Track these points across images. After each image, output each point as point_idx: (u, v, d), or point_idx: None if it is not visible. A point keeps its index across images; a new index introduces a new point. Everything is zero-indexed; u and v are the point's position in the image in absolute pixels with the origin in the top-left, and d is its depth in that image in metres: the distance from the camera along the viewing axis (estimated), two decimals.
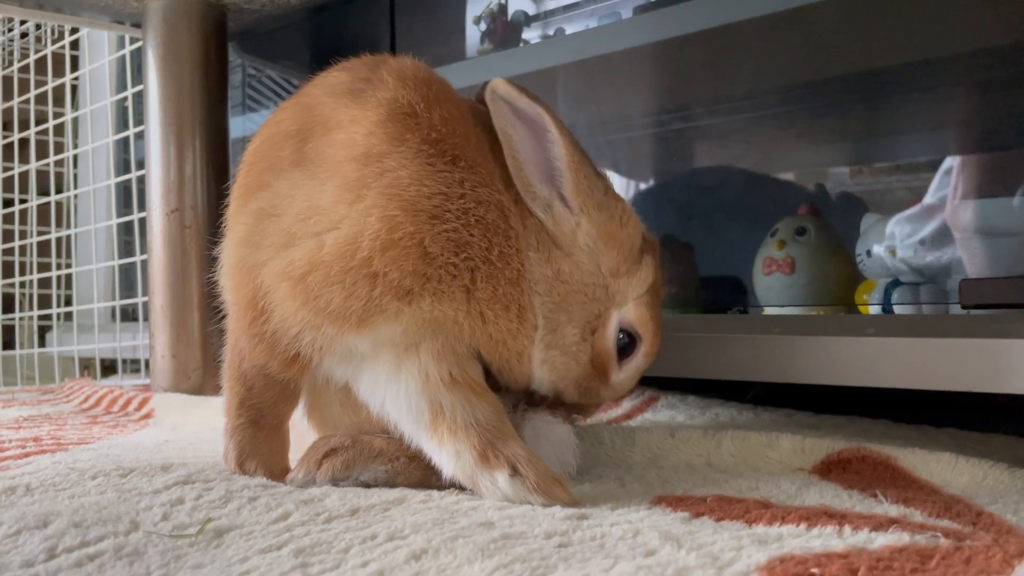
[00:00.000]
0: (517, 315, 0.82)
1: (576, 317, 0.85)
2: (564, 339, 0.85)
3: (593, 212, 0.84)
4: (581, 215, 0.84)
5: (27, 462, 0.97)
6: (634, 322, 0.86)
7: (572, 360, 0.86)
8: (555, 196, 0.84)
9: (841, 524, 0.65)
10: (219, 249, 0.89)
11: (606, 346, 0.86)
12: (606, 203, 0.85)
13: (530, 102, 0.82)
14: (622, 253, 0.86)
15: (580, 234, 0.84)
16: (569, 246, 0.85)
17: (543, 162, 0.84)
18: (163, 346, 1.65)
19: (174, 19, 1.66)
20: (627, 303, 0.86)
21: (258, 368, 0.86)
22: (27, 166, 2.48)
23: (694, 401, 1.31)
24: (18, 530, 0.69)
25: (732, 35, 1.37)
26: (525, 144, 0.84)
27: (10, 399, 1.84)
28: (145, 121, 1.69)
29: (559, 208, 0.84)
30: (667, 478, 0.88)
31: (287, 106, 0.91)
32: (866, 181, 1.37)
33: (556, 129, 0.82)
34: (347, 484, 0.84)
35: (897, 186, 1.31)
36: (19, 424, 1.39)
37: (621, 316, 0.86)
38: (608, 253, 0.85)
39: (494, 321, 0.81)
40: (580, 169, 0.83)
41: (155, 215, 1.66)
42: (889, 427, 1.15)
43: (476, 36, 1.66)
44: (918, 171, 1.28)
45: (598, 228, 0.85)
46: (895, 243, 1.24)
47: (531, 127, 0.83)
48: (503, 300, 0.81)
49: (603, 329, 0.86)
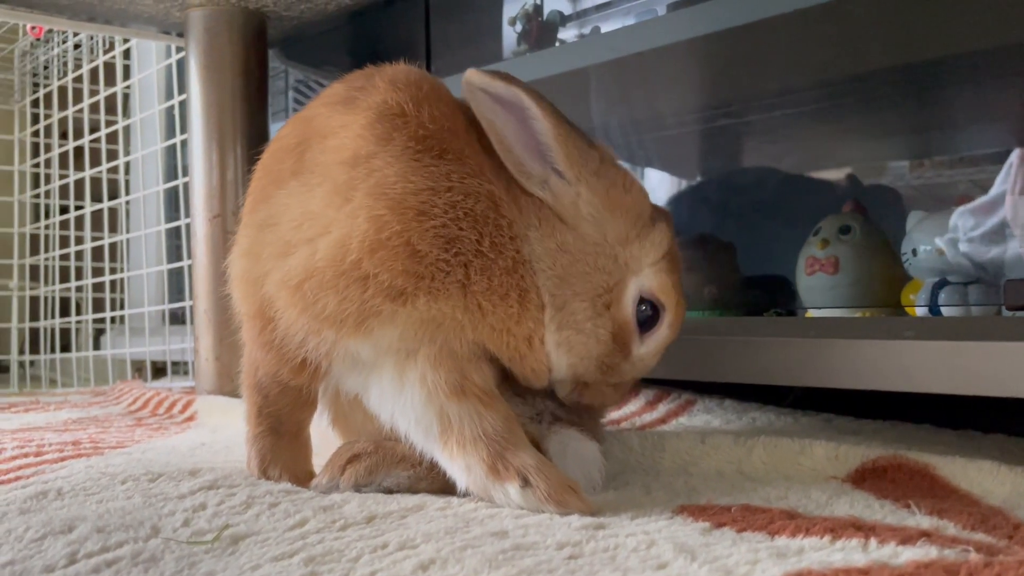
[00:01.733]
0: (518, 300, 0.80)
1: (582, 290, 0.82)
2: (575, 315, 0.83)
3: (591, 180, 0.82)
4: (579, 184, 0.82)
5: (62, 466, 0.99)
6: (655, 290, 0.83)
7: (590, 338, 0.83)
8: (550, 172, 0.83)
9: (867, 537, 0.63)
10: (226, 262, 0.91)
11: (625, 316, 0.83)
12: (604, 171, 0.83)
13: (505, 85, 0.80)
14: (629, 219, 0.83)
15: (581, 204, 0.83)
16: (573, 217, 0.83)
17: (531, 141, 0.82)
18: (207, 349, 1.68)
19: (215, 28, 1.68)
20: (643, 270, 0.83)
21: (271, 376, 0.87)
22: (82, 173, 2.55)
23: (731, 405, 1.28)
24: (44, 535, 0.70)
25: (772, 29, 1.34)
26: (509, 127, 0.82)
27: (63, 401, 1.89)
28: (188, 128, 1.72)
29: (556, 182, 0.83)
30: (694, 486, 0.86)
31: (290, 121, 0.92)
32: (914, 176, 1.33)
33: (535, 105, 0.80)
34: (370, 490, 0.84)
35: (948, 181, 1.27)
36: (66, 427, 1.42)
37: (640, 284, 0.83)
38: (614, 220, 0.83)
39: (492, 311, 0.80)
40: (568, 140, 0.81)
41: (198, 220, 1.69)
42: (932, 432, 1.11)
43: (512, 37, 1.66)
44: (969, 166, 1.24)
45: (600, 196, 0.83)
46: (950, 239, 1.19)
47: (511, 110, 0.81)
48: (500, 289, 0.79)
49: (620, 299, 0.83)
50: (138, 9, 1.71)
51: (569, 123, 0.82)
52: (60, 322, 2.62)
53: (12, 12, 1.70)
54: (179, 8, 1.70)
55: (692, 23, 1.42)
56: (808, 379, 1.04)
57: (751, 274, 1.46)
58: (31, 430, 1.35)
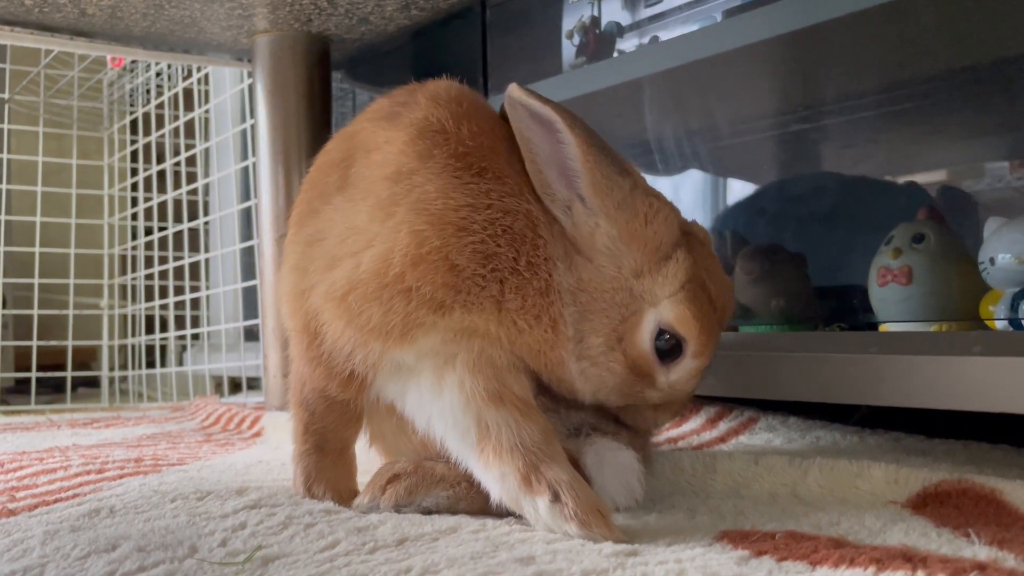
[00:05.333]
0: (551, 326, 0.80)
1: (598, 326, 0.81)
2: (590, 350, 0.82)
3: (612, 212, 0.81)
4: (600, 215, 0.81)
5: (120, 483, 1.02)
6: (673, 322, 0.80)
7: (604, 371, 0.82)
8: (574, 197, 0.82)
9: (915, 569, 0.59)
10: (276, 278, 0.92)
11: (642, 350, 0.81)
12: (629, 201, 0.81)
13: (541, 104, 0.80)
14: (645, 252, 0.81)
15: (599, 235, 0.81)
16: (589, 249, 0.81)
17: (561, 163, 0.81)
18: (275, 366, 1.71)
19: (280, 53, 1.72)
20: (660, 302, 0.81)
21: (318, 391, 0.88)
22: (165, 196, 2.65)
23: (795, 423, 1.23)
24: (88, 553, 0.72)
25: (834, 31, 1.29)
26: (543, 146, 0.82)
27: (141, 416, 1.95)
28: (256, 151, 1.77)
29: (579, 209, 0.82)
30: (743, 510, 0.83)
31: (336, 136, 0.94)
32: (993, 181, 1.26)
33: (567, 128, 0.79)
34: (410, 510, 0.84)
35: None
36: (140, 442, 1.47)
37: (659, 316, 0.81)
38: (630, 253, 0.81)
39: (528, 331, 0.80)
40: (597, 167, 0.80)
41: (265, 240, 1.73)
42: (1008, 454, 1.04)
43: (570, 51, 1.65)
44: None
45: (619, 228, 0.81)
46: None
47: (547, 128, 0.81)
48: (533, 310, 0.80)
49: (636, 331, 0.81)
50: (208, 37, 1.77)
51: (602, 149, 0.81)
52: (147, 339, 2.72)
53: (91, 45, 1.78)
54: (246, 35, 1.75)
55: (751, 28, 1.39)
56: (870, 397, 1.00)
57: (822, 285, 1.41)
58: (103, 446, 1.40)
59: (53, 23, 1.67)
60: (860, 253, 1.32)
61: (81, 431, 1.68)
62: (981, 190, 1.26)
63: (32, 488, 1.03)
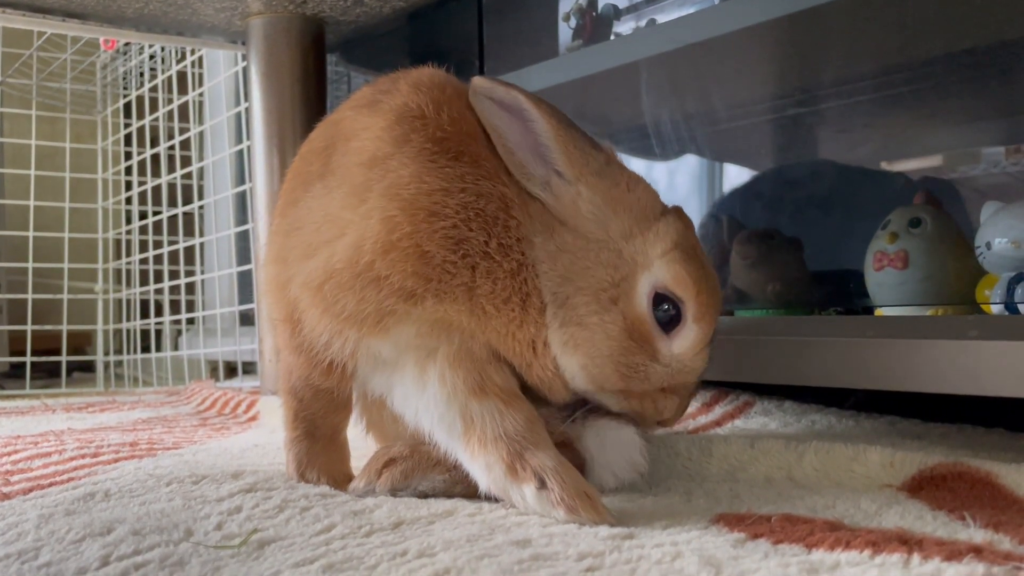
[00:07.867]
0: (520, 304, 0.80)
1: (584, 284, 0.80)
2: (576, 309, 0.80)
3: (592, 179, 0.81)
4: (579, 183, 0.81)
5: (115, 467, 1.02)
6: (668, 282, 0.79)
7: (597, 333, 0.79)
8: (551, 173, 0.82)
9: (911, 552, 0.59)
10: (261, 270, 0.92)
11: (638, 311, 0.79)
12: (607, 171, 0.82)
13: (505, 89, 0.81)
14: (631, 215, 0.81)
15: (582, 203, 0.81)
16: (573, 218, 0.81)
17: (533, 144, 0.82)
18: (270, 350, 1.71)
19: (274, 35, 1.71)
20: (653, 263, 0.80)
21: (304, 379, 0.88)
22: (159, 180, 2.63)
23: (791, 407, 1.23)
24: (83, 536, 0.72)
25: (831, 14, 1.29)
26: (512, 131, 0.82)
27: (137, 401, 1.95)
28: (250, 134, 1.75)
29: (557, 183, 0.82)
30: (739, 493, 0.83)
31: (320, 124, 0.93)
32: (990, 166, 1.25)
33: (534, 108, 0.80)
34: (406, 494, 0.84)
35: None
36: (135, 427, 1.47)
37: (653, 279, 0.79)
38: (616, 217, 0.81)
39: (496, 315, 0.79)
40: (568, 140, 0.80)
41: (260, 224, 1.72)
42: (1003, 438, 1.04)
43: (567, 33, 1.64)
44: None
45: (601, 194, 0.81)
46: None
47: (514, 113, 0.81)
48: (503, 293, 0.79)
49: (631, 293, 0.80)
50: (201, 20, 1.75)
51: (570, 125, 0.82)
52: (142, 324, 2.72)
53: (84, 27, 1.76)
54: (240, 17, 1.73)
55: (748, 11, 1.38)
56: (866, 381, 1.00)
57: (818, 269, 1.41)
58: (98, 430, 1.40)
59: (45, 4, 1.65)
60: (856, 237, 1.32)
61: (76, 415, 1.67)
62: (978, 175, 1.26)
63: (27, 472, 1.03)
